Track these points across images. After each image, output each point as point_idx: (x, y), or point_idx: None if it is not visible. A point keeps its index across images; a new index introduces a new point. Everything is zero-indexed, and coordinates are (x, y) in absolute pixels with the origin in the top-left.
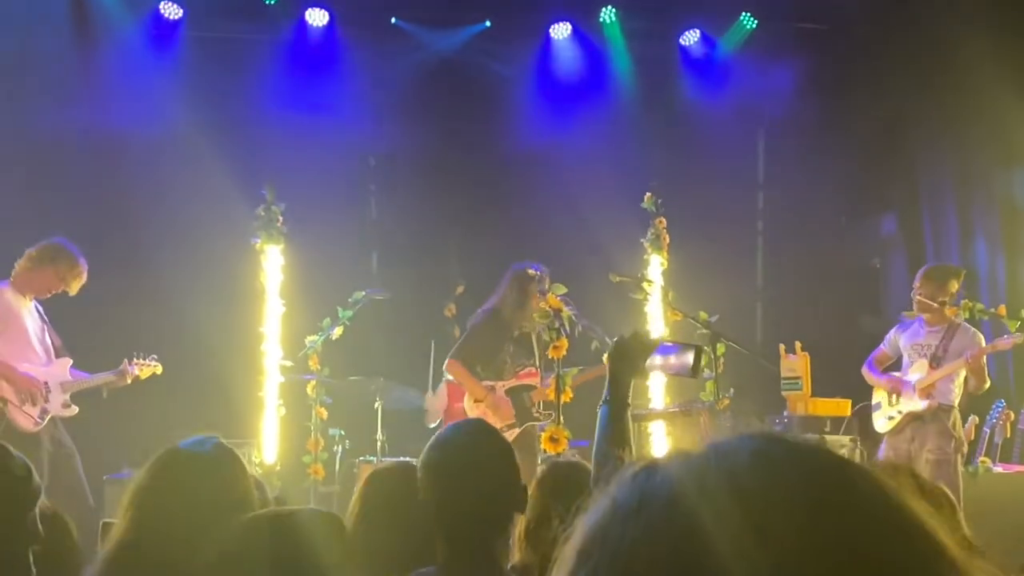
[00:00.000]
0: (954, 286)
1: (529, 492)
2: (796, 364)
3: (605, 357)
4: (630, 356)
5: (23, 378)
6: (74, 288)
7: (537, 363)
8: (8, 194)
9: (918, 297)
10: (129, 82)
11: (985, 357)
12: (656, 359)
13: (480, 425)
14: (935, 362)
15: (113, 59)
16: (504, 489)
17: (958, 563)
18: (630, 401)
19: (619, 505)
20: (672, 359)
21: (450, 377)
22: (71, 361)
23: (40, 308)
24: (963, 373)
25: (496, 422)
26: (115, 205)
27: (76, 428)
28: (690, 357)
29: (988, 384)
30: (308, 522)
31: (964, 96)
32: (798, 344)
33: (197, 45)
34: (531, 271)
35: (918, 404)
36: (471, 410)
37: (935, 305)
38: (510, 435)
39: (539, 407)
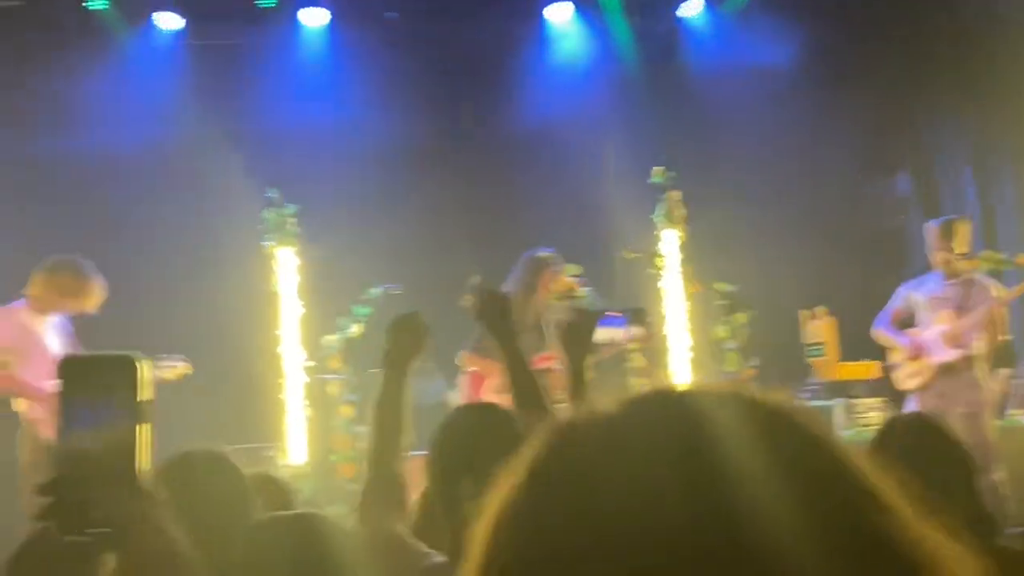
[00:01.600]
0: (959, 237)
1: None
2: (820, 329)
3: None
4: (578, 335)
5: (50, 395)
6: (90, 306)
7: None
8: (22, 211)
9: (934, 252)
10: (131, 94)
11: (1005, 310)
12: (604, 332)
13: (489, 408)
14: (960, 311)
15: (113, 71)
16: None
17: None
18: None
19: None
20: (623, 331)
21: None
22: None
23: (68, 322)
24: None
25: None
26: (127, 216)
27: None
28: (642, 324)
29: (1006, 336)
30: (326, 524)
31: (974, 50)
32: (822, 310)
33: (196, 53)
34: (543, 259)
35: (947, 354)
36: (495, 399)
37: (949, 258)
38: None
39: (559, 392)
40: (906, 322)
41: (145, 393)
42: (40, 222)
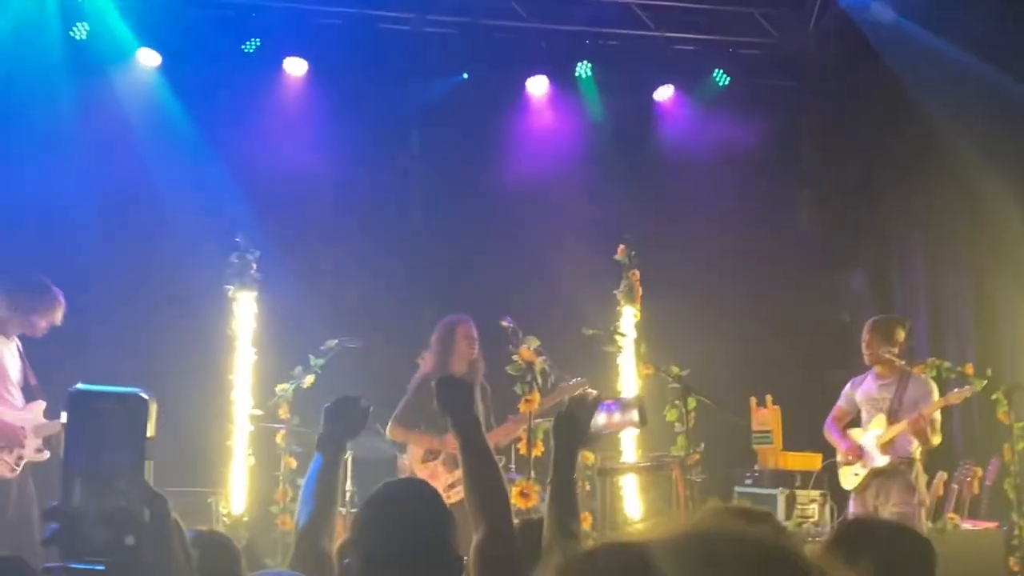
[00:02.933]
0: (900, 335)
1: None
2: (767, 417)
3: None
4: (575, 425)
5: (4, 425)
6: (55, 318)
7: (483, 414)
8: None
9: (867, 351)
10: (102, 128)
11: (938, 414)
12: (600, 418)
13: (416, 486)
14: (892, 416)
15: (87, 105)
16: (435, 559)
17: None
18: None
19: None
20: (616, 416)
21: (400, 451)
22: (45, 404)
23: (20, 346)
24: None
25: (447, 476)
26: (86, 252)
27: (40, 473)
28: (635, 411)
29: (938, 440)
30: None
31: (934, 155)
32: (769, 398)
33: (173, 92)
34: (457, 323)
35: (879, 460)
36: (420, 470)
37: (883, 357)
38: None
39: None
40: (854, 420)
41: (151, 431)
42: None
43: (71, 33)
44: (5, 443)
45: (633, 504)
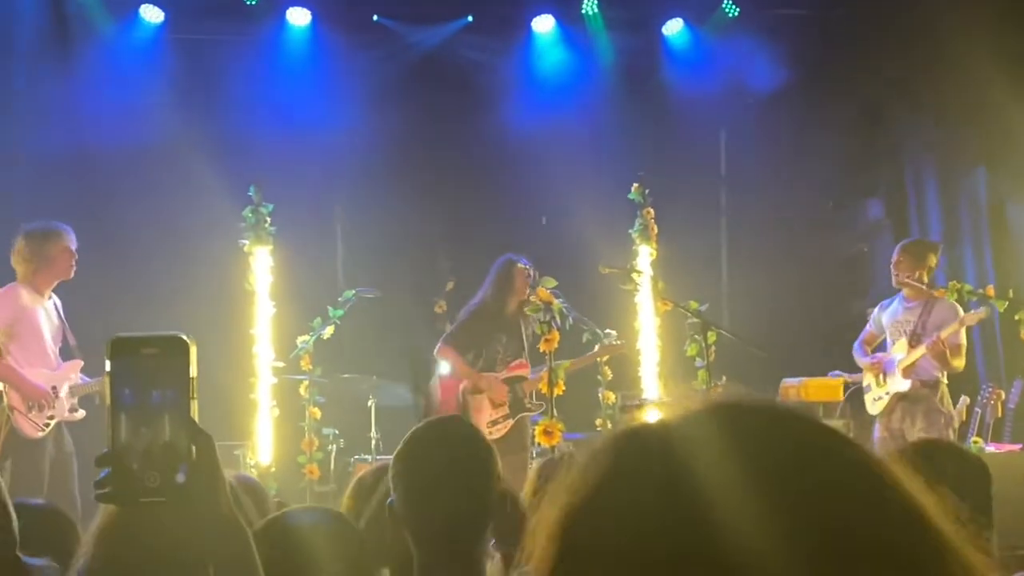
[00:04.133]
0: (932, 260)
1: (526, 487)
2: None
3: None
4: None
5: (31, 386)
6: (71, 246)
7: (526, 354)
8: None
9: (896, 272)
10: (111, 88)
11: (964, 336)
12: None
13: (456, 423)
14: (914, 340)
15: (94, 65)
16: (478, 494)
17: (950, 550)
18: None
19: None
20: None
21: (443, 370)
22: (82, 363)
23: (59, 306)
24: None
25: (490, 412)
26: (102, 212)
27: (80, 431)
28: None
29: (961, 364)
30: (321, 527)
31: (949, 79)
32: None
33: (179, 48)
34: (516, 262)
35: (902, 384)
36: (471, 398)
37: (914, 281)
38: (504, 426)
39: (531, 398)
40: (881, 346)
41: (194, 371)
42: (18, 217)
43: None
44: (34, 403)
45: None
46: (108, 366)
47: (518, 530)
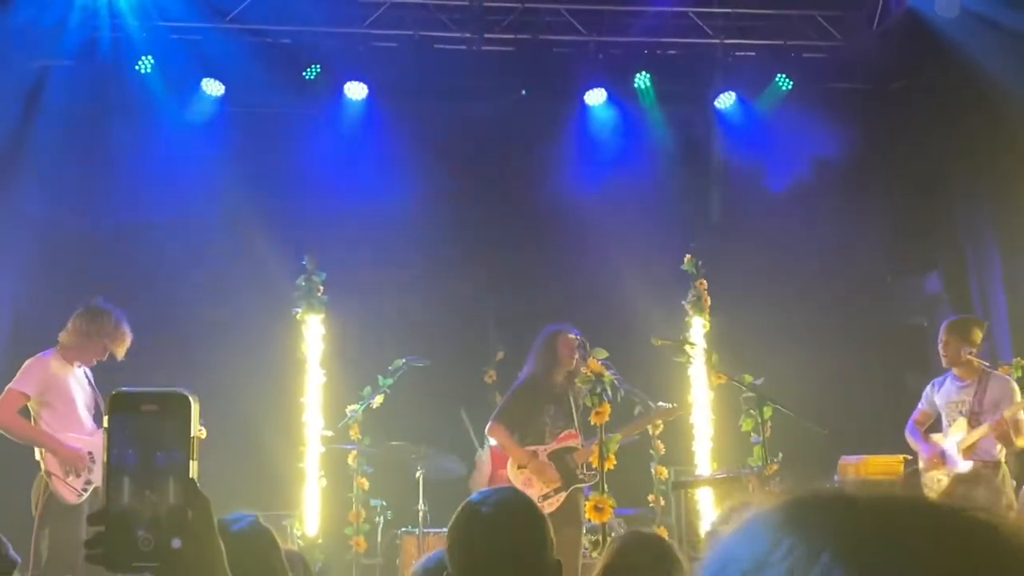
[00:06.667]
0: (977, 336)
1: (602, 562)
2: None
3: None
4: None
5: (68, 451)
6: (120, 352)
7: (576, 424)
8: (59, 271)
9: (944, 353)
10: (170, 159)
11: (1022, 415)
12: None
13: (512, 494)
14: (973, 419)
15: (155, 136)
16: (534, 565)
17: None
18: None
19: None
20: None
21: (492, 442)
22: None
23: (90, 375)
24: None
25: (541, 487)
26: (158, 280)
27: None
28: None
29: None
30: None
31: (1006, 151)
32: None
33: (238, 120)
34: (561, 332)
35: (962, 466)
36: (515, 477)
37: (962, 358)
38: (556, 500)
39: (583, 468)
40: (935, 424)
41: (196, 430)
42: (75, 283)
43: (136, 67)
44: (71, 468)
45: (709, 518)
46: (106, 421)
47: None
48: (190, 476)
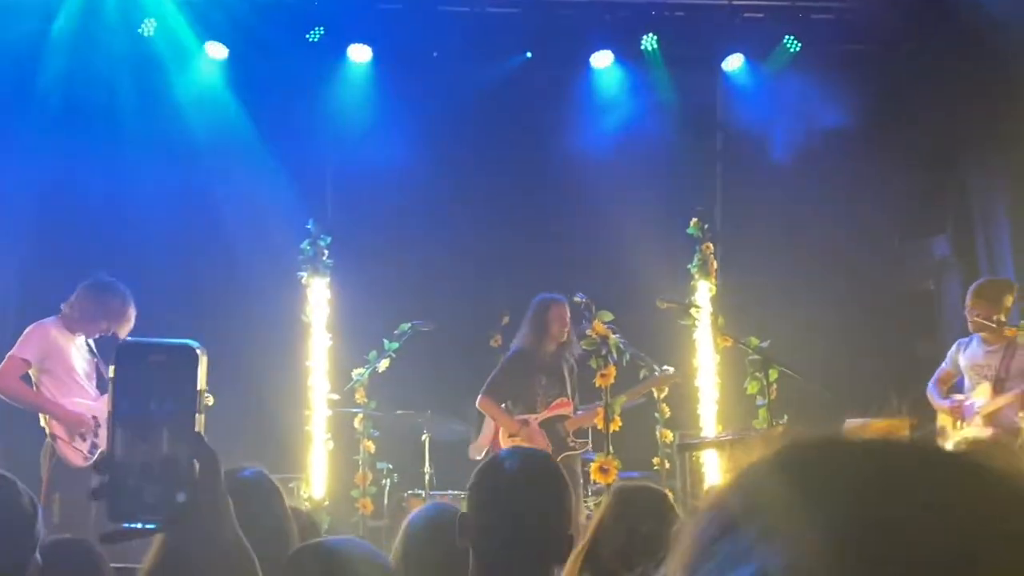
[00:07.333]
0: (1009, 301)
1: (597, 517)
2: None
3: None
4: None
5: (72, 414)
6: (122, 332)
7: (569, 393)
8: (64, 237)
9: (973, 318)
10: (175, 122)
11: None
12: None
13: (543, 458)
14: (999, 385)
15: (160, 101)
16: (552, 533)
17: None
18: None
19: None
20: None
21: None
22: None
23: (91, 342)
24: None
25: None
26: (162, 246)
27: None
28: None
29: None
30: (354, 555)
31: (1017, 113)
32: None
33: (241, 83)
34: (552, 303)
35: (981, 432)
36: (506, 445)
37: (992, 324)
38: None
39: (572, 436)
40: (958, 384)
41: (203, 384)
42: (79, 245)
43: (139, 30)
44: (76, 432)
45: (715, 480)
46: (112, 371)
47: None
48: (196, 430)
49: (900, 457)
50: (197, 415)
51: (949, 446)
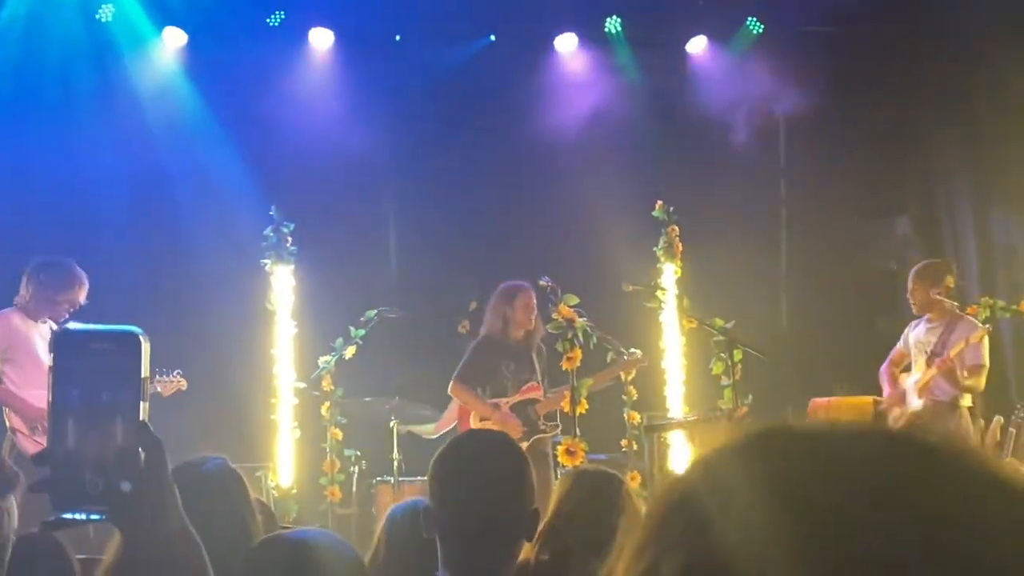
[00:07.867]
0: (949, 280)
1: (554, 498)
2: None
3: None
4: None
5: (31, 408)
6: (81, 298)
7: (539, 377)
8: (16, 224)
9: (913, 302)
10: (132, 109)
11: (985, 355)
12: None
13: (497, 433)
14: (931, 359)
15: (116, 87)
16: (516, 510)
17: None
18: None
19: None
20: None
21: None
22: None
23: (55, 329)
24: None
25: None
26: (123, 233)
27: None
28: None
29: (979, 383)
30: (319, 544)
31: (977, 93)
32: None
33: (201, 69)
34: (517, 292)
35: (915, 404)
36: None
37: (932, 302)
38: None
39: (543, 419)
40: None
41: (147, 371)
42: (37, 234)
43: (97, 16)
44: (36, 424)
45: (681, 461)
46: (50, 360)
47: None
48: (141, 418)
49: (845, 443)
50: (142, 403)
51: (895, 423)
